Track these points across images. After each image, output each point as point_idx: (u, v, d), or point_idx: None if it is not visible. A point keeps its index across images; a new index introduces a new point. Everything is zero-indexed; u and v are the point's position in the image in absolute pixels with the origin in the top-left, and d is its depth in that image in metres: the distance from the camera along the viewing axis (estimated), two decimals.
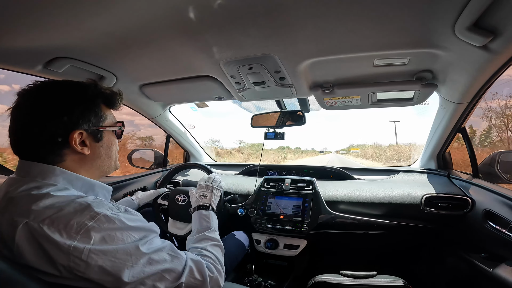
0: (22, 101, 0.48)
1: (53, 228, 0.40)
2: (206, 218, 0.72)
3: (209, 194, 0.81)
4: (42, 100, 0.48)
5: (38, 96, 0.48)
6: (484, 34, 0.60)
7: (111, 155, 0.58)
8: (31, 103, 0.48)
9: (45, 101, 0.48)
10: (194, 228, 0.71)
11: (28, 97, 0.48)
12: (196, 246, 0.63)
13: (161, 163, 1.67)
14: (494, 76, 0.78)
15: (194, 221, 0.73)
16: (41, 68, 0.82)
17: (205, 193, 0.81)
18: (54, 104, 0.48)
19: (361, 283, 1.08)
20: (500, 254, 0.87)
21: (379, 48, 0.77)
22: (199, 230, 0.68)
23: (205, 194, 0.81)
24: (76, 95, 0.51)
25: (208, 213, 0.74)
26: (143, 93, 1.18)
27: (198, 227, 0.70)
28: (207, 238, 0.65)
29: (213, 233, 0.68)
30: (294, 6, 0.60)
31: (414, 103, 1.05)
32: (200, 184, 0.86)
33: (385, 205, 1.11)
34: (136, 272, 0.43)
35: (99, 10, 0.59)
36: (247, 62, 0.87)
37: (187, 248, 0.65)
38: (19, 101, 0.48)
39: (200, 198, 0.79)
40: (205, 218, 0.72)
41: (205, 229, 0.69)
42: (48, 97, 0.48)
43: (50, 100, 0.48)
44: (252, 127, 1.32)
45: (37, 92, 0.49)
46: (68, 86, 0.51)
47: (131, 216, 0.48)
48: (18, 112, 0.48)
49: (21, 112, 0.48)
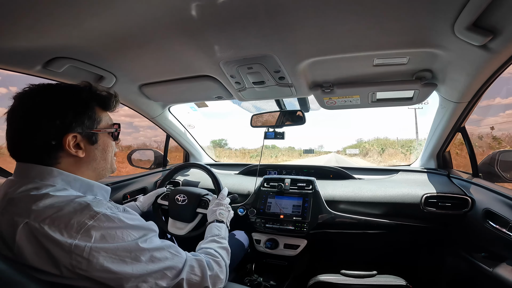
0: (17, 105, 0.48)
1: (53, 228, 0.40)
2: (218, 228, 0.79)
3: (227, 214, 0.89)
4: (35, 103, 0.48)
5: (32, 100, 0.49)
6: (484, 33, 0.60)
7: (107, 157, 0.58)
8: (25, 107, 0.48)
9: (38, 105, 0.48)
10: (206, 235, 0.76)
11: (22, 101, 0.49)
12: (204, 247, 0.67)
13: (161, 163, 1.67)
14: (494, 75, 0.78)
15: (208, 230, 0.78)
16: (40, 68, 0.81)
17: (224, 213, 0.89)
18: (47, 108, 0.48)
19: (361, 282, 1.08)
20: (500, 253, 0.86)
21: (378, 48, 0.77)
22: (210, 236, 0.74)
23: (224, 214, 0.88)
24: (69, 98, 0.51)
25: (221, 224, 0.82)
26: (143, 93, 1.18)
27: (210, 235, 0.75)
28: (216, 241, 0.71)
29: (222, 239, 0.73)
30: (293, 5, 0.60)
31: (413, 102, 1.05)
32: (219, 202, 0.93)
33: (385, 204, 1.11)
34: (139, 269, 0.44)
35: (98, 10, 0.59)
36: (247, 61, 0.87)
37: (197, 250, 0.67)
38: (14, 104, 0.49)
39: (219, 216, 0.86)
40: (217, 228, 0.79)
41: (216, 235, 0.74)
42: (41, 101, 0.48)
43: (43, 103, 0.48)
44: (252, 126, 1.32)
45: (30, 95, 0.49)
46: (61, 89, 0.51)
47: (130, 216, 0.49)
48: (13, 115, 0.48)
49: (16, 115, 0.48)
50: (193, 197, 1.04)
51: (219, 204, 0.91)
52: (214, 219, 0.84)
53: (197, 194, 1.05)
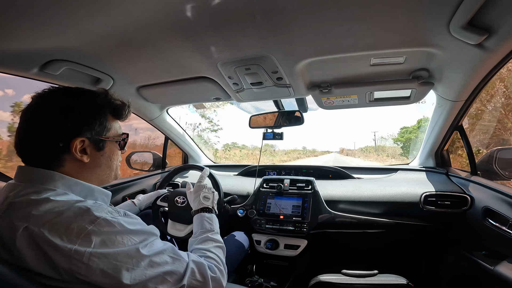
0: (33, 104, 0.50)
1: (53, 232, 0.40)
2: (209, 221, 0.72)
3: (211, 196, 0.80)
4: (50, 104, 0.49)
5: (48, 100, 0.50)
6: (479, 32, 0.61)
7: (111, 165, 0.58)
8: (40, 106, 0.49)
9: (53, 106, 0.49)
10: (196, 230, 0.70)
11: (38, 101, 0.50)
12: (199, 248, 0.63)
13: (160, 165, 1.66)
14: (490, 74, 0.79)
15: (196, 223, 0.72)
16: (37, 71, 0.81)
17: (208, 195, 0.80)
18: (61, 109, 0.49)
19: (363, 282, 1.08)
20: (500, 251, 0.86)
21: (375, 48, 0.77)
22: (202, 232, 0.68)
23: (208, 196, 0.80)
24: (84, 102, 0.52)
25: (211, 215, 0.74)
26: (140, 95, 1.17)
27: (201, 229, 0.69)
28: (210, 240, 0.65)
29: (216, 235, 0.68)
30: (290, 6, 0.60)
31: (411, 101, 1.06)
32: (199, 185, 0.84)
33: (385, 203, 1.11)
34: (138, 274, 0.43)
35: (94, 13, 0.59)
36: (244, 62, 0.87)
37: (190, 249, 0.64)
38: (30, 103, 0.50)
39: (203, 200, 0.78)
40: (208, 221, 0.71)
41: (208, 231, 0.68)
42: (56, 102, 0.50)
43: (57, 105, 0.49)
44: (250, 127, 1.32)
45: (48, 96, 0.50)
46: (77, 93, 0.53)
47: (131, 220, 0.48)
48: (27, 114, 0.50)
49: (30, 114, 0.50)
50: None
51: (200, 187, 0.81)
52: (200, 207, 0.76)
53: None
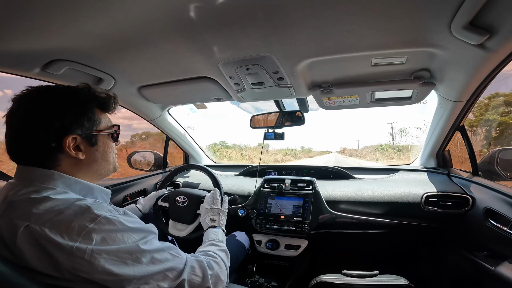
0: (16, 107, 0.48)
1: (54, 231, 0.40)
2: (215, 233, 0.79)
3: (217, 217, 0.87)
4: (34, 105, 0.48)
5: (30, 102, 0.48)
6: (480, 32, 0.61)
7: (108, 158, 0.58)
8: (23, 108, 0.48)
9: (37, 107, 0.48)
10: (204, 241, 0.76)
11: (20, 103, 0.48)
12: (203, 250, 0.68)
13: (161, 165, 1.67)
14: (491, 74, 0.78)
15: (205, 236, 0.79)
16: (39, 71, 0.81)
17: (214, 217, 0.87)
18: (46, 110, 0.48)
19: (363, 282, 1.08)
20: (502, 252, 0.86)
21: (376, 48, 0.77)
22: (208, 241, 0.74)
23: (214, 218, 0.87)
24: (68, 100, 0.50)
25: (217, 229, 0.81)
26: (142, 95, 1.18)
27: (207, 240, 0.75)
28: (214, 245, 0.71)
29: (220, 242, 0.73)
30: (292, 6, 0.60)
31: (412, 102, 1.06)
32: (206, 208, 0.90)
33: (386, 204, 1.11)
34: (140, 271, 0.44)
35: (96, 13, 0.59)
36: (246, 62, 0.87)
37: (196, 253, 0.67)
38: (13, 107, 0.48)
39: (210, 223, 0.85)
40: (213, 233, 0.79)
41: (213, 239, 0.74)
42: (40, 103, 0.48)
43: (41, 105, 0.48)
44: (251, 127, 1.32)
45: (29, 97, 0.49)
46: (60, 91, 0.51)
47: (130, 218, 0.49)
48: (12, 118, 0.48)
49: (14, 117, 0.48)
50: (194, 198, 1.04)
51: (207, 211, 0.90)
52: (208, 226, 0.84)
53: (197, 196, 1.05)
